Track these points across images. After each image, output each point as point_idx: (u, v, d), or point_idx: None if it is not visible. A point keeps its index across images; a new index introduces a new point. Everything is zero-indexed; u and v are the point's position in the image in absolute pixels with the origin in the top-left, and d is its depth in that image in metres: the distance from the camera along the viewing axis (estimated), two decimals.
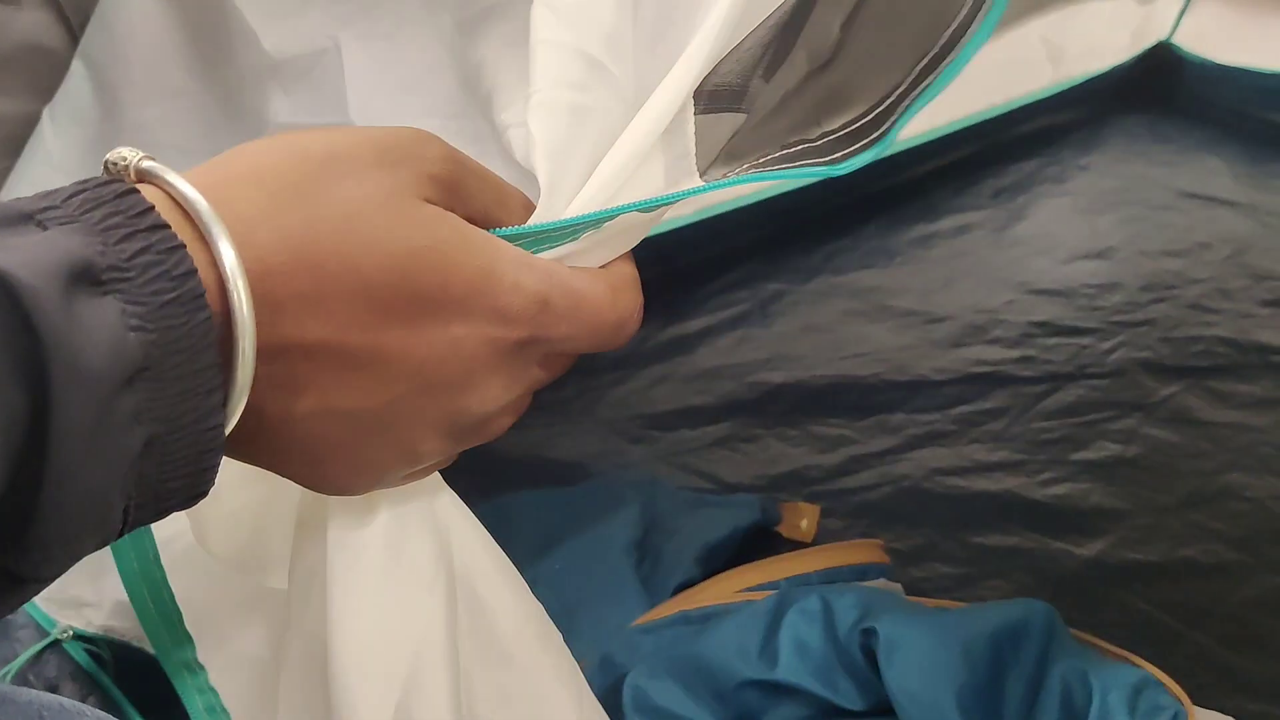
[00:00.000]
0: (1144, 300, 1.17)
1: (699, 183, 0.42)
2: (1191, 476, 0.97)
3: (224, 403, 0.30)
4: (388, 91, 0.55)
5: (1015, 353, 1.10)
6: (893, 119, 0.46)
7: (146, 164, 0.31)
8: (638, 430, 1.03)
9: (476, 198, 0.37)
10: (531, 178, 0.39)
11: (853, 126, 0.46)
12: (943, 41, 0.49)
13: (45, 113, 0.64)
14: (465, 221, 0.35)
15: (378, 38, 0.57)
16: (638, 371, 1.07)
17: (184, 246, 0.29)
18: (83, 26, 0.63)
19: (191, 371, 0.29)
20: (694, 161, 0.42)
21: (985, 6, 0.48)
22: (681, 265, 1.16)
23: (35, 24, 0.62)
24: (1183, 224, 1.31)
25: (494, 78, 0.49)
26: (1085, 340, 1.12)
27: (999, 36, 1.26)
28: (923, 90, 0.47)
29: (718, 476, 0.97)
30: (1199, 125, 1.49)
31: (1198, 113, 1.49)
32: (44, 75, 0.63)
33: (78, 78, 0.63)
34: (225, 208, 0.30)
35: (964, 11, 0.47)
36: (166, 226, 0.29)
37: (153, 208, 0.29)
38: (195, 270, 0.29)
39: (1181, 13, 1.48)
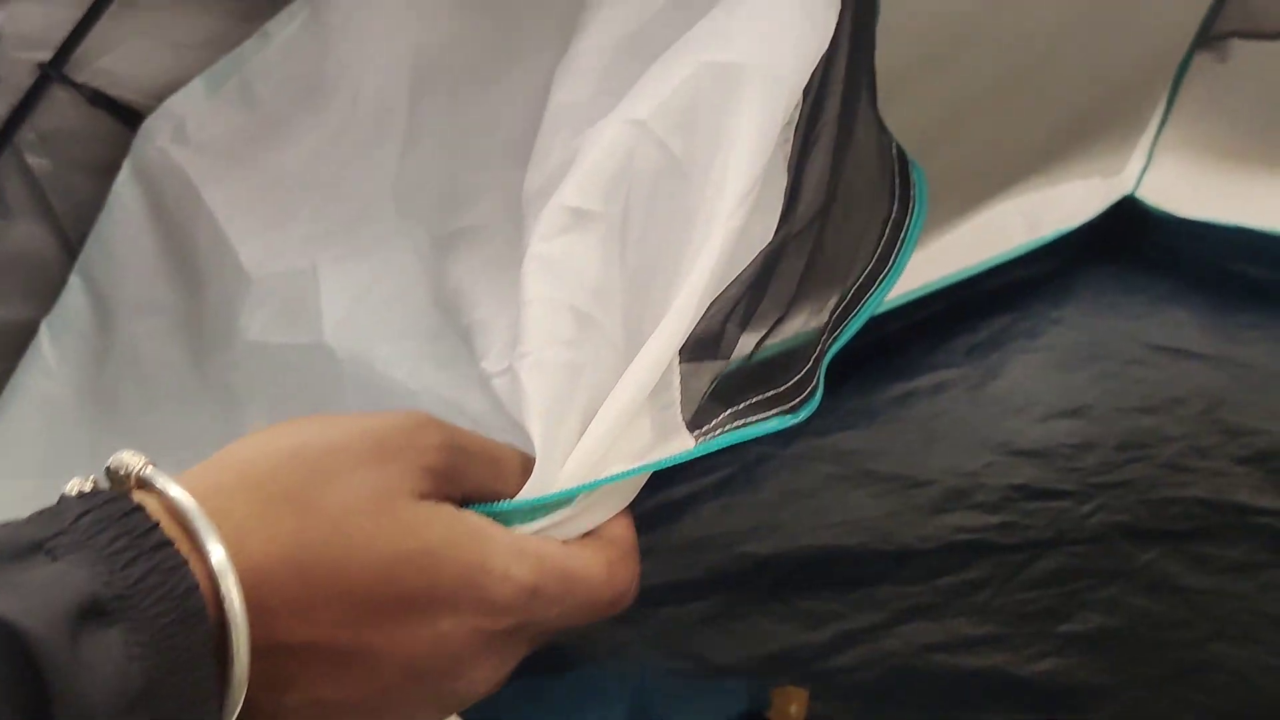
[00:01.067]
0: (1120, 460, 1.19)
1: (687, 437, 0.43)
2: (1175, 647, 0.97)
3: (219, 707, 0.31)
4: (365, 313, 0.55)
5: (996, 518, 1.11)
6: (819, 368, 0.48)
7: (148, 472, 0.32)
8: None
9: (472, 477, 0.37)
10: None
11: (800, 374, 0.48)
12: (850, 294, 0.51)
13: (44, 325, 0.65)
14: (458, 513, 0.35)
15: (356, 257, 0.58)
16: None
17: (186, 563, 0.29)
18: (81, 240, 0.64)
19: (190, 683, 0.29)
20: (679, 411, 0.43)
21: (889, 265, 0.50)
22: None
23: (28, 236, 0.63)
24: (1155, 379, 1.34)
25: (472, 311, 0.50)
26: (1064, 504, 1.13)
27: (977, 213, 1.30)
28: (834, 339, 0.49)
29: (707, 659, 0.97)
30: (1166, 277, 1.53)
31: (1164, 264, 1.54)
32: (39, 284, 0.64)
33: (75, 291, 0.65)
34: (220, 517, 0.31)
35: (869, 266, 0.50)
36: (170, 544, 0.29)
37: (157, 524, 0.30)
38: (196, 585, 0.29)
39: (1145, 169, 1.54)
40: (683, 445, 0.43)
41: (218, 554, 0.30)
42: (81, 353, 0.65)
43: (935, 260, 1.32)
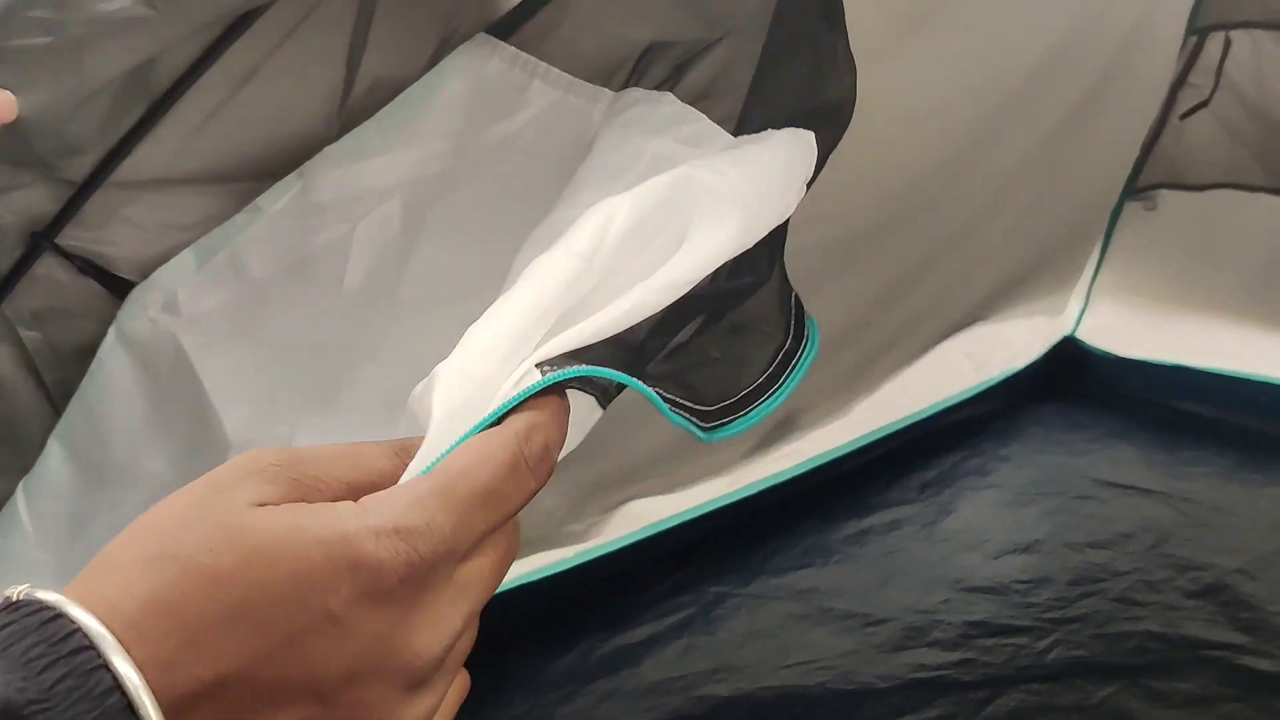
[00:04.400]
0: (1074, 595, 1.21)
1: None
2: None
3: None
4: None
5: (955, 655, 1.12)
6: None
7: (49, 595, 0.32)
8: None
9: (327, 479, 0.36)
10: None
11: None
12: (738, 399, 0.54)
13: (20, 486, 0.66)
14: (298, 504, 0.34)
15: (334, 424, 0.61)
16: (584, 687, 1.08)
17: (105, 665, 0.30)
18: (64, 401, 0.66)
19: None
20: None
21: (778, 385, 0.54)
22: (625, 570, 1.18)
23: (17, 408, 0.65)
24: (1104, 514, 1.37)
25: None
26: (1021, 640, 1.14)
27: (924, 357, 1.35)
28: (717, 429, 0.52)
29: None
30: (1109, 413, 1.58)
31: (1107, 401, 1.59)
32: (26, 457, 0.65)
33: (54, 456, 0.66)
34: (111, 617, 0.31)
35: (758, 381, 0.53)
36: (89, 648, 0.30)
37: (77, 630, 0.30)
38: (115, 687, 0.30)
39: (1083, 311, 1.60)
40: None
41: (128, 673, 0.30)
42: (60, 516, 0.66)
43: (888, 404, 1.36)
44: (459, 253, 0.63)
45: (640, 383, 0.43)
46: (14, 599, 0.31)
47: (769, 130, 0.52)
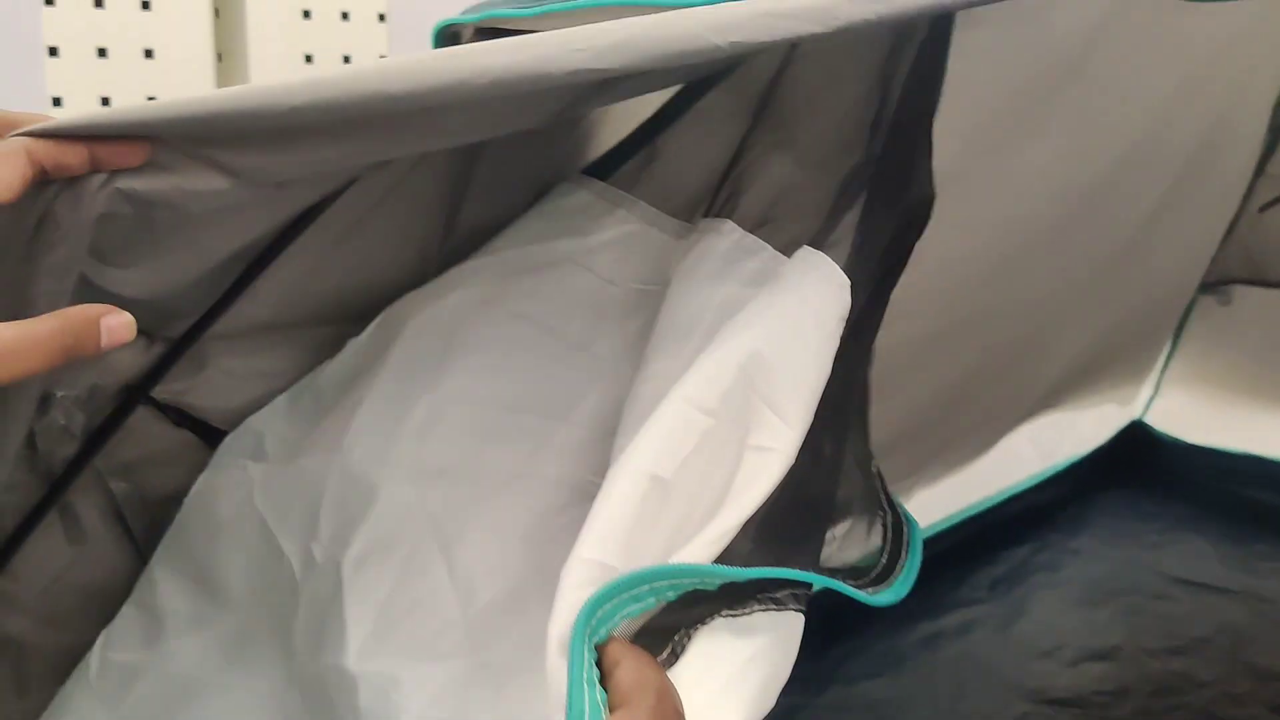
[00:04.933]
0: (1157, 709, 1.17)
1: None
2: None
3: None
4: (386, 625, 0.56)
5: None
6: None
7: None
8: None
9: None
10: None
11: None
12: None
13: (101, 636, 0.65)
14: None
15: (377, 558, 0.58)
16: None
17: None
18: (151, 550, 0.65)
19: None
20: None
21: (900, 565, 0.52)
22: None
23: (102, 562, 0.64)
24: (1179, 614, 1.33)
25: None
26: None
27: (992, 447, 1.33)
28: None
29: None
30: (1178, 501, 1.54)
31: (1175, 488, 1.55)
32: (109, 611, 0.64)
33: (130, 608, 0.65)
34: None
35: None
36: None
37: None
38: None
39: (1152, 398, 1.57)
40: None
41: None
42: (120, 667, 0.64)
43: (954, 494, 1.33)
44: (515, 354, 0.60)
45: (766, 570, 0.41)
46: None
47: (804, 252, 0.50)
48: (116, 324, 0.39)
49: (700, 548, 0.41)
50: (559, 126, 0.63)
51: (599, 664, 0.35)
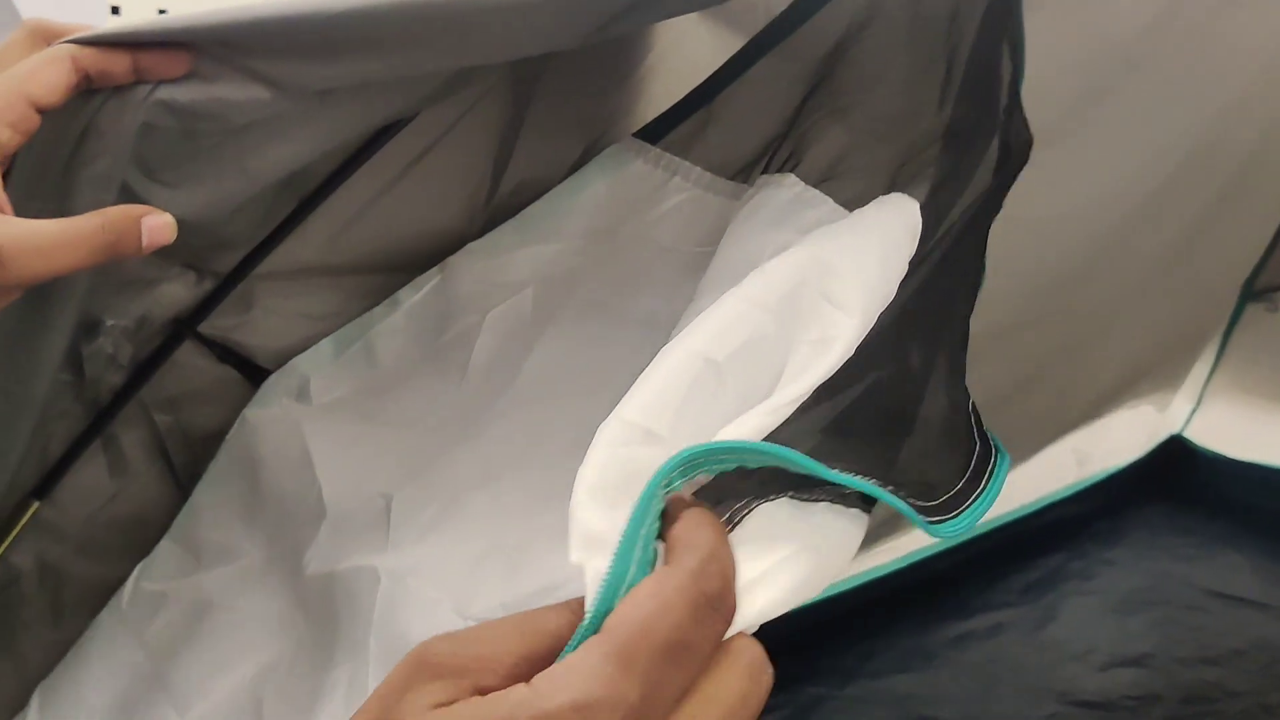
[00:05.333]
0: (1187, 715, 1.16)
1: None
2: None
3: None
4: (433, 538, 0.57)
5: None
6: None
7: None
8: None
9: (499, 658, 0.32)
10: None
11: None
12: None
13: (136, 569, 0.66)
14: (477, 700, 0.31)
15: (426, 497, 0.59)
16: None
17: None
18: (191, 485, 0.66)
19: None
20: None
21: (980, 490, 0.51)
22: None
23: (144, 495, 0.65)
24: (1214, 627, 1.32)
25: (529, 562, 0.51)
26: None
27: (1035, 456, 1.32)
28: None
29: None
30: (1216, 517, 1.52)
31: (1214, 504, 1.53)
32: (149, 543, 0.65)
33: (164, 548, 0.66)
34: None
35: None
36: None
37: None
38: None
39: (1194, 411, 1.55)
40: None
41: None
42: (152, 596, 0.66)
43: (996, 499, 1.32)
44: (585, 344, 0.62)
45: (840, 473, 0.39)
46: None
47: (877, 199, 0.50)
48: (157, 224, 0.40)
49: (753, 419, 0.40)
50: (607, 84, 0.64)
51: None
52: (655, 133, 0.62)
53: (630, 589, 0.31)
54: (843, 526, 0.40)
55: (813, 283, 0.44)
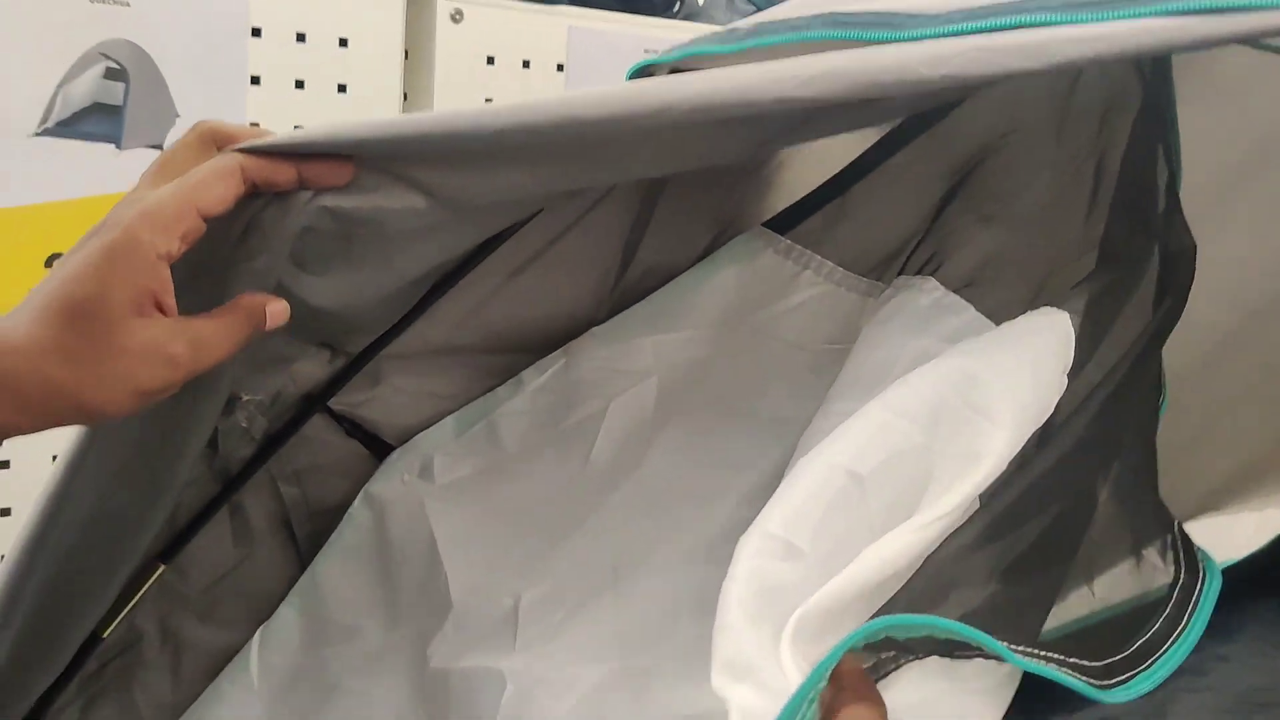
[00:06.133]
0: None
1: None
2: None
3: None
4: (561, 646, 0.56)
5: None
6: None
7: None
8: None
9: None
10: None
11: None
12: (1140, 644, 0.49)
13: (257, 635, 0.67)
14: None
15: (555, 597, 0.59)
16: None
17: None
18: (311, 556, 0.67)
19: None
20: None
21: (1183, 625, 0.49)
22: None
23: (268, 566, 0.66)
24: None
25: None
26: None
27: None
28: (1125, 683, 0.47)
29: None
30: None
31: None
32: (268, 613, 0.66)
33: (290, 611, 0.67)
34: None
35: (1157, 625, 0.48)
36: None
37: None
38: None
39: None
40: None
41: None
42: (279, 669, 0.66)
43: (1100, 592, 1.28)
44: (709, 440, 0.62)
45: (995, 642, 0.39)
46: None
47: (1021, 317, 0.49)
48: (277, 309, 0.43)
49: (901, 536, 0.39)
50: (739, 174, 0.64)
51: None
52: (786, 223, 0.62)
53: None
54: (992, 685, 0.39)
55: (960, 394, 0.43)
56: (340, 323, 0.55)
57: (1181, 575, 0.50)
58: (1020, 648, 0.40)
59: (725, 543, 0.52)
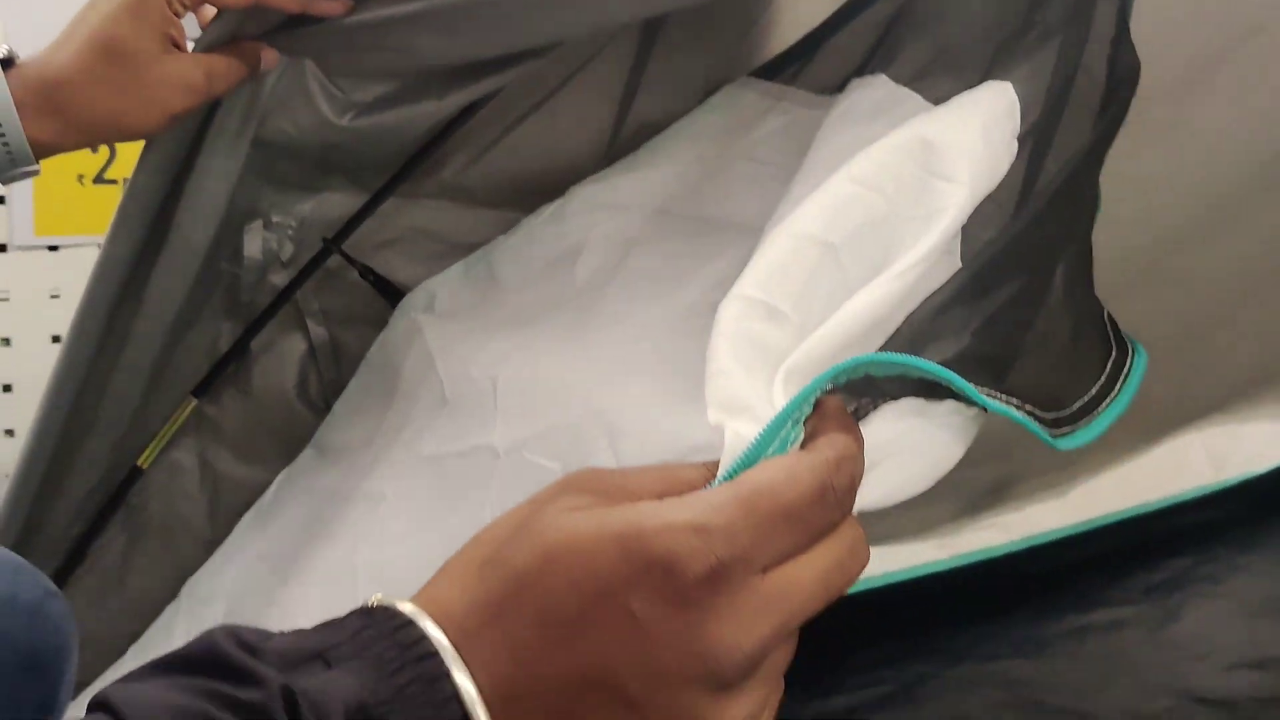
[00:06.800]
0: None
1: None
2: None
3: None
4: (526, 405, 0.59)
5: None
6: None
7: (406, 606, 0.34)
8: None
9: (637, 489, 0.36)
10: None
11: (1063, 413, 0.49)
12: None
13: (281, 475, 0.73)
14: (608, 506, 0.35)
15: (532, 378, 0.61)
16: None
17: (447, 674, 0.32)
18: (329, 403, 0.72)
19: None
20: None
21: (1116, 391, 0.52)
22: (824, 630, 1.16)
23: (291, 406, 0.72)
24: None
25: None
26: None
27: (1160, 442, 1.29)
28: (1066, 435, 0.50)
29: None
30: None
31: None
32: (294, 454, 0.72)
33: (306, 456, 0.72)
34: (450, 627, 0.33)
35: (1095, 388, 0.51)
36: (434, 654, 0.32)
37: (424, 637, 0.32)
38: (453, 695, 0.32)
39: None
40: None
41: (465, 686, 0.32)
42: (281, 496, 0.72)
43: (1115, 489, 1.30)
44: (682, 244, 0.64)
45: (967, 384, 0.41)
46: (372, 605, 0.34)
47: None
48: (271, 55, 0.56)
49: (879, 287, 0.42)
50: (727, 37, 0.68)
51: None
52: (769, 72, 0.66)
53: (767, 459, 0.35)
54: (960, 424, 0.42)
55: (917, 161, 0.46)
56: (356, 156, 0.61)
57: (1114, 351, 0.53)
58: (985, 389, 0.43)
59: (695, 316, 0.56)
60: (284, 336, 0.70)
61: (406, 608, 0.33)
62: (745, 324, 0.40)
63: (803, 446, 0.36)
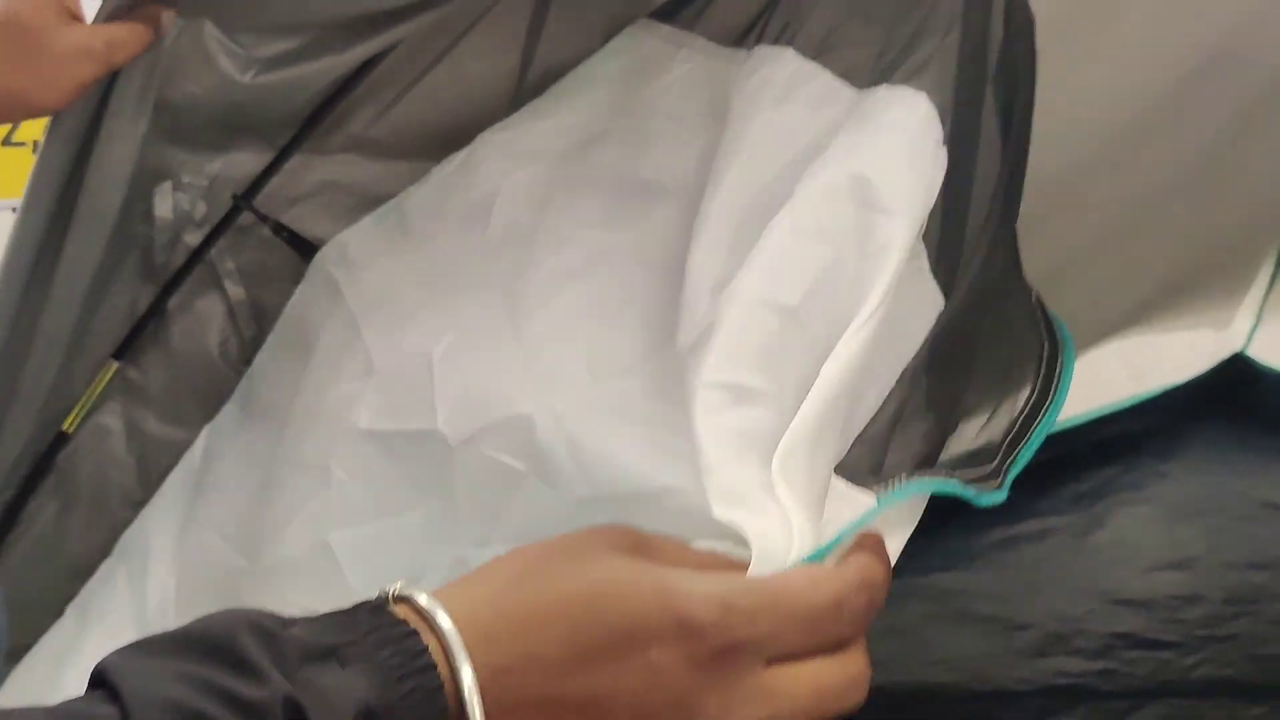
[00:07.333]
0: (1227, 614, 1.17)
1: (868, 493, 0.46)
2: None
3: None
4: (469, 394, 0.59)
5: (1098, 664, 1.10)
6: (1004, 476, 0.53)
7: (423, 598, 0.36)
8: None
9: (669, 554, 0.39)
10: None
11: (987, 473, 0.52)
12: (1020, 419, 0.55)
13: (202, 434, 0.73)
14: (640, 560, 0.37)
15: (465, 347, 0.61)
16: None
17: (443, 687, 0.33)
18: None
19: None
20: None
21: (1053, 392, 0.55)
22: None
23: (215, 367, 0.72)
24: (1266, 535, 1.32)
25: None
26: (1167, 654, 1.12)
27: (1080, 356, 1.33)
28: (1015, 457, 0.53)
29: None
30: (1277, 433, 1.52)
31: (1275, 420, 1.53)
32: (216, 412, 0.73)
33: (227, 413, 0.73)
34: (468, 624, 0.35)
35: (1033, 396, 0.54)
36: (434, 668, 0.33)
37: (427, 649, 0.34)
38: (447, 707, 0.34)
39: (1254, 327, 1.54)
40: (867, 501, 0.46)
41: (468, 679, 0.34)
42: (210, 453, 0.73)
43: None
44: (598, 204, 0.64)
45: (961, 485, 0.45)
46: (392, 594, 0.36)
47: (881, 87, 0.53)
48: (169, 16, 0.57)
49: (844, 350, 0.44)
50: None
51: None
52: (668, 13, 0.67)
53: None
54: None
55: (854, 200, 0.48)
56: (262, 113, 0.61)
57: (1045, 344, 0.56)
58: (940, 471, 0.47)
59: (626, 305, 0.57)
60: (202, 296, 0.71)
61: (424, 601, 0.35)
62: (720, 417, 0.43)
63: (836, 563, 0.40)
